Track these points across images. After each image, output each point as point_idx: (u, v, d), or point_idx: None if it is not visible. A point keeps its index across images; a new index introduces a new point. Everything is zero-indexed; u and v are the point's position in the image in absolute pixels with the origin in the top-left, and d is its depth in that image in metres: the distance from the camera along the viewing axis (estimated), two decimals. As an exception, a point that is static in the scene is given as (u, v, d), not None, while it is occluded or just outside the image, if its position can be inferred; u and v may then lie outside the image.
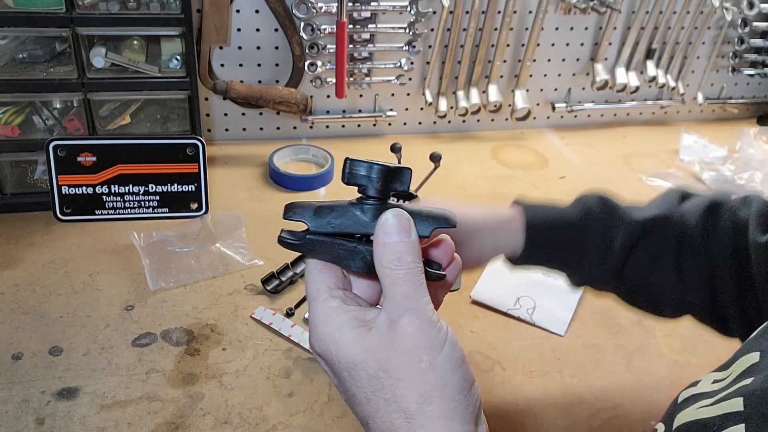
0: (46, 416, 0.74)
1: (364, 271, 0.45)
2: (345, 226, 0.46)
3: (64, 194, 1.04)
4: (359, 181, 0.46)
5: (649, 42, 1.47)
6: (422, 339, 0.40)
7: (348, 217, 0.46)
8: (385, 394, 0.40)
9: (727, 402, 0.45)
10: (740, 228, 0.67)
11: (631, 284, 0.72)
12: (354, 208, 0.47)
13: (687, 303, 0.71)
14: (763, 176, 1.31)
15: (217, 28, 1.18)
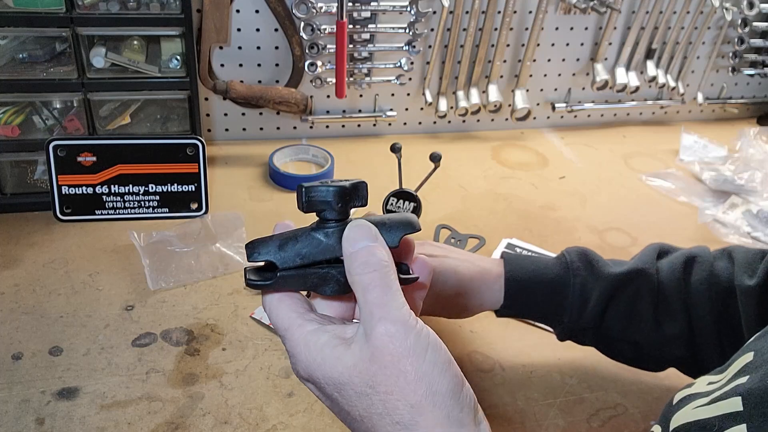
0: (46, 416, 0.74)
1: (341, 292, 0.45)
2: (313, 255, 0.45)
3: (64, 194, 1.04)
4: (318, 207, 0.45)
5: (649, 42, 1.47)
6: (402, 347, 0.39)
7: (314, 245, 0.45)
8: (377, 409, 0.39)
9: (724, 402, 0.45)
10: (719, 279, 0.70)
11: (610, 338, 0.75)
12: (317, 234, 0.45)
13: (668, 356, 0.74)
14: (763, 176, 1.31)
15: (217, 28, 1.18)
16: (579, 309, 0.73)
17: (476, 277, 0.74)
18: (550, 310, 0.75)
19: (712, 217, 1.22)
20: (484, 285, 0.75)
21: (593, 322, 0.73)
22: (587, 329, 0.74)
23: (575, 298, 0.73)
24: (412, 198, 1.06)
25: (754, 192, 1.28)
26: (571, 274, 0.74)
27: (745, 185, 1.29)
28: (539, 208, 1.22)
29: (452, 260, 0.76)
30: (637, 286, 0.73)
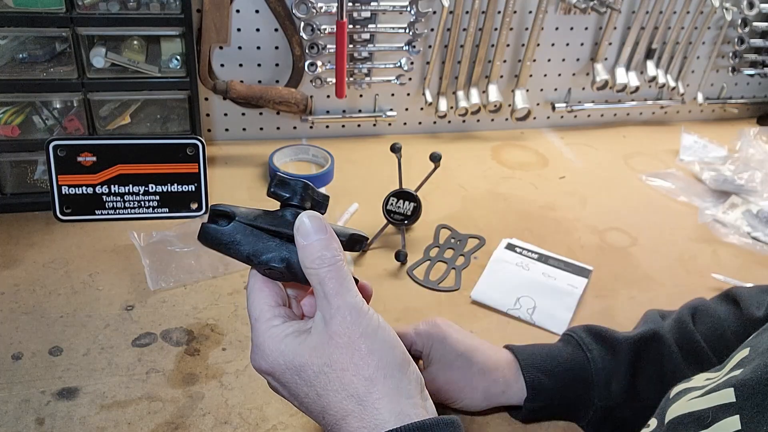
0: (46, 416, 0.74)
1: (283, 266, 0.47)
2: (269, 222, 0.48)
3: (64, 194, 1.04)
4: (284, 192, 0.49)
5: (649, 42, 1.47)
6: (357, 328, 0.43)
7: (272, 216, 0.49)
8: (334, 385, 0.43)
9: (717, 393, 0.46)
10: (724, 324, 0.70)
11: (647, 407, 0.64)
12: (277, 211, 0.50)
13: None
14: (763, 176, 1.31)
15: (217, 28, 1.18)
16: (605, 384, 0.67)
17: (488, 356, 0.71)
18: (577, 394, 0.68)
19: (712, 217, 1.22)
20: (498, 371, 0.70)
21: (625, 394, 0.68)
22: (621, 404, 0.68)
23: (599, 374, 0.68)
24: (412, 198, 1.06)
25: (754, 192, 1.28)
26: (585, 349, 0.70)
27: (745, 185, 1.29)
28: (539, 208, 1.22)
29: (464, 347, 0.73)
30: (658, 345, 0.70)
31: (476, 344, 0.72)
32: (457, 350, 0.68)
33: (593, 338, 0.71)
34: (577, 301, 0.97)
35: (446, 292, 0.99)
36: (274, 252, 0.47)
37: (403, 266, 1.03)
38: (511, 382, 0.69)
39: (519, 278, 1.01)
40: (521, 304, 0.96)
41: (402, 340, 0.47)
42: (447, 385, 0.68)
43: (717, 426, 0.44)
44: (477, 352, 0.70)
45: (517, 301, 0.97)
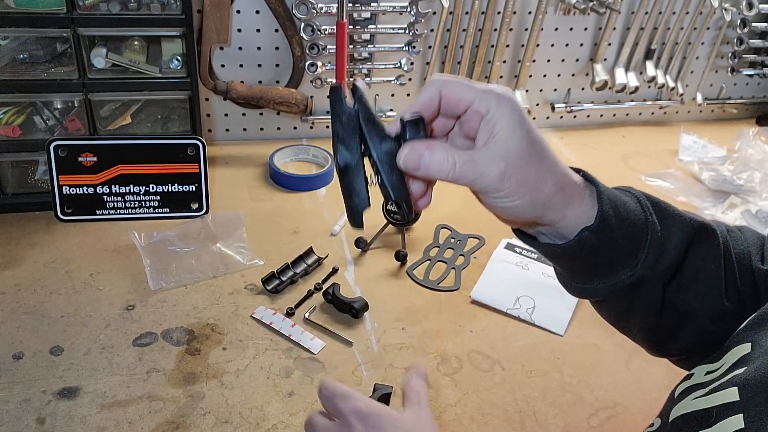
0: (47, 416, 0.74)
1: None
2: (381, 129, 0.51)
3: (65, 194, 1.04)
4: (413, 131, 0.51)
5: (649, 42, 1.48)
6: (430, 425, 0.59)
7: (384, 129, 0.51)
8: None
9: (721, 392, 0.46)
10: (743, 256, 0.62)
11: (670, 300, 0.60)
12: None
13: (718, 333, 0.60)
14: (762, 176, 1.31)
15: (217, 28, 1.18)
16: (657, 250, 0.56)
17: (559, 159, 0.55)
18: (626, 250, 0.56)
19: (712, 217, 1.22)
20: (567, 178, 0.54)
21: (668, 270, 0.57)
22: (655, 280, 0.57)
23: (655, 237, 0.56)
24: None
25: (753, 192, 1.29)
26: (646, 211, 0.58)
27: (744, 185, 1.29)
28: (539, 208, 1.22)
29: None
30: (713, 241, 0.60)
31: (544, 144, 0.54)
32: (532, 135, 0.50)
33: (651, 203, 0.59)
34: (577, 300, 0.98)
35: (446, 291, 0.99)
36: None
37: (403, 266, 1.04)
38: (576, 202, 0.54)
39: (519, 278, 1.01)
40: (521, 304, 0.96)
41: (450, 92, 0.50)
42: (507, 169, 0.49)
43: (720, 425, 0.44)
44: (549, 148, 0.54)
45: (516, 301, 0.97)
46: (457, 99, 0.50)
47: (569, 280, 0.60)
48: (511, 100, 0.49)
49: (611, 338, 0.93)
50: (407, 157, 0.50)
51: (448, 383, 0.83)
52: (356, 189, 0.51)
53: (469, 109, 0.50)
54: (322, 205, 1.17)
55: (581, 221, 0.54)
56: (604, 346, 0.92)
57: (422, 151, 0.49)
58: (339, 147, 0.51)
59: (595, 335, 0.94)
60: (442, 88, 0.51)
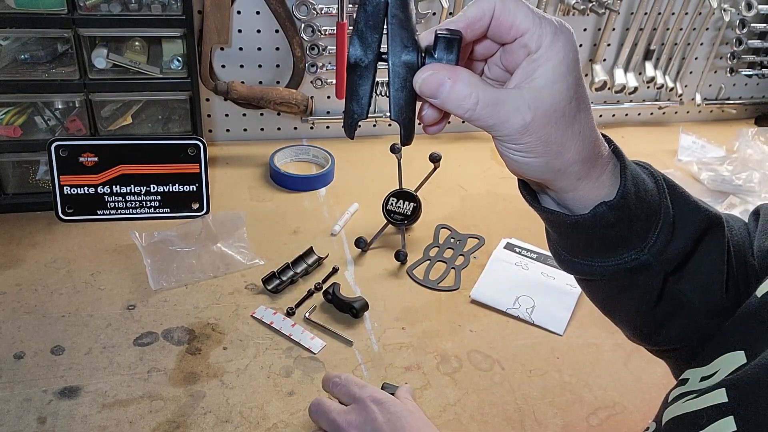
0: (47, 415, 0.74)
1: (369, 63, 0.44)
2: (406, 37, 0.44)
3: (66, 194, 1.04)
4: (447, 52, 0.44)
5: (648, 43, 1.48)
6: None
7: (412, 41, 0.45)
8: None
9: (710, 394, 0.45)
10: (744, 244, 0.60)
11: (672, 289, 0.56)
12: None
13: (703, 329, 0.58)
14: (761, 176, 1.31)
15: (218, 29, 1.18)
16: (667, 237, 0.52)
17: (593, 125, 0.48)
18: (638, 232, 0.52)
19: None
20: (599, 148, 0.48)
21: (674, 259, 0.53)
22: (659, 267, 0.53)
23: (667, 222, 0.52)
24: (412, 198, 1.06)
25: (752, 192, 1.29)
26: (663, 194, 0.53)
27: (743, 185, 1.30)
28: (538, 208, 1.23)
29: None
30: (721, 233, 0.56)
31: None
32: (572, 92, 0.44)
33: (667, 186, 0.55)
34: (576, 300, 0.98)
35: (446, 291, 1.00)
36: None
37: (403, 266, 1.04)
38: (594, 177, 0.48)
39: (518, 278, 1.02)
40: (520, 304, 0.97)
41: None
42: (532, 122, 0.44)
43: (712, 427, 0.43)
44: (588, 110, 0.47)
45: (516, 301, 0.97)
46: (509, 25, 0.43)
47: (562, 251, 0.55)
48: (567, 42, 0.43)
49: (611, 338, 0.93)
50: (426, 80, 0.43)
51: (447, 383, 0.84)
52: (359, 93, 0.45)
53: (518, 39, 0.43)
54: (322, 205, 1.17)
55: (593, 196, 0.48)
56: (604, 345, 0.92)
57: (444, 79, 0.43)
58: (354, 39, 0.44)
59: (595, 335, 0.94)
60: (497, 5, 0.43)
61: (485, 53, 0.47)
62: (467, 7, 0.44)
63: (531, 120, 0.42)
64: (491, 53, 0.47)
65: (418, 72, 0.44)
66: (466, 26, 0.43)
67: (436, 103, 0.44)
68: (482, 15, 0.43)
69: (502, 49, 0.46)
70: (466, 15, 0.43)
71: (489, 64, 0.48)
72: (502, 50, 0.46)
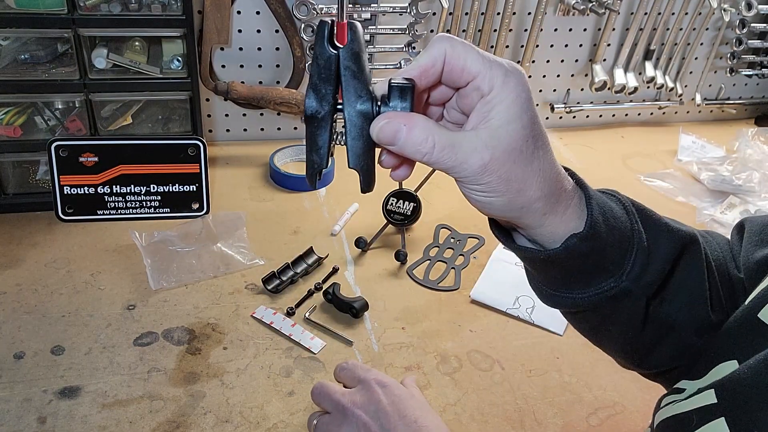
0: (47, 415, 0.74)
1: (325, 110, 0.45)
2: (361, 82, 0.45)
3: (66, 194, 1.04)
4: (399, 100, 0.45)
5: (648, 43, 1.48)
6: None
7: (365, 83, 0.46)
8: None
9: (699, 395, 0.45)
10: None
11: (654, 314, 0.56)
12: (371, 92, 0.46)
13: (691, 347, 0.57)
14: (761, 176, 1.31)
15: (218, 29, 1.18)
16: (643, 262, 0.52)
17: (554, 159, 0.50)
18: (612, 260, 0.52)
19: (710, 217, 1.23)
20: (561, 183, 0.50)
21: (653, 283, 0.53)
22: (640, 294, 0.53)
23: (641, 248, 0.52)
24: (412, 198, 1.06)
25: (751, 192, 1.29)
26: (633, 219, 0.54)
27: (743, 185, 1.30)
28: (538, 208, 1.23)
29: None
30: (697, 251, 0.56)
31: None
32: (529, 131, 0.44)
33: (637, 211, 0.55)
34: (576, 300, 0.98)
35: (446, 291, 1.00)
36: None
37: (403, 266, 1.04)
38: (559, 212, 0.49)
39: (518, 278, 1.02)
40: (520, 304, 0.97)
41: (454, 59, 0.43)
42: (491, 162, 0.44)
43: (704, 429, 0.43)
44: (546, 147, 0.48)
45: (516, 301, 0.97)
46: (461, 69, 0.43)
47: (543, 286, 0.55)
48: (518, 83, 0.43)
49: (610, 338, 0.93)
50: (382, 128, 0.44)
51: (447, 382, 0.84)
52: (318, 144, 0.46)
53: (470, 83, 0.44)
54: (322, 205, 1.17)
55: (561, 231, 0.49)
56: (604, 345, 0.92)
57: (400, 126, 0.43)
58: (309, 92, 0.45)
59: (595, 335, 0.94)
60: (447, 52, 0.43)
61: (442, 98, 0.48)
62: (419, 55, 0.45)
63: (489, 159, 0.43)
64: (447, 98, 0.48)
65: (374, 121, 0.45)
66: (420, 74, 0.44)
67: (395, 149, 0.44)
68: (434, 62, 0.44)
69: (457, 94, 0.47)
70: (419, 63, 0.44)
71: (447, 108, 0.49)
72: (457, 95, 0.47)
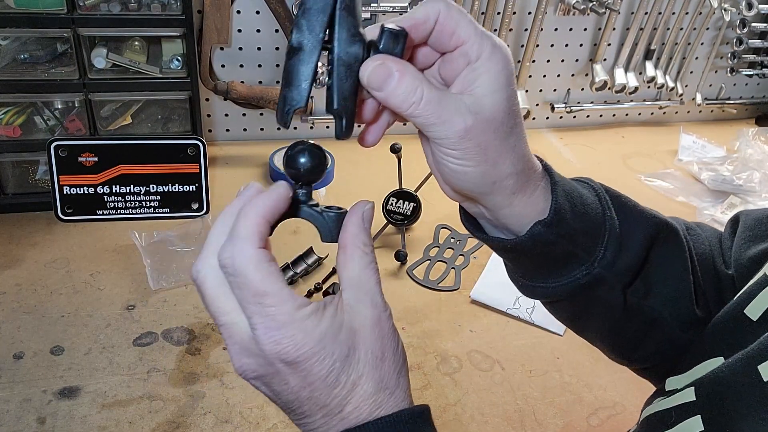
0: (47, 415, 0.74)
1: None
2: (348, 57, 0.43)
3: (66, 194, 1.04)
4: (394, 44, 0.43)
5: (648, 43, 1.48)
6: (388, 322, 0.44)
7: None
8: (374, 374, 0.42)
9: (680, 393, 0.45)
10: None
11: (632, 304, 0.55)
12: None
13: (677, 341, 0.57)
14: (762, 176, 1.31)
15: (217, 28, 1.18)
16: (616, 248, 0.52)
17: (526, 141, 0.48)
18: (583, 247, 0.51)
19: (711, 217, 1.23)
20: (531, 164, 0.48)
21: (628, 270, 0.53)
22: (614, 281, 0.53)
23: (613, 234, 0.52)
24: (412, 198, 1.06)
25: (752, 192, 1.29)
26: (605, 205, 0.53)
27: (744, 185, 1.30)
28: (538, 208, 1.23)
29: None
30: (677, 241, 0.55)
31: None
32: (510, 104, 0.44)
33: (610, 197, 0.54)
34: (576, 300, 0.98)
35: (446, 291, 1.00)
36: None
37: (403, 266, 1.04)
38: (528, 192, 0.48)
39: (518, 278, 1.01)
40: (520, 304, 0.97)
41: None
42: (473, 127, 0.43)
43: (680, 426, 0.43)
44: (521, 125, 0.47)
45: (516, 301, 0.97)
46: (452, 31, 0.43)
47: (519, 277, 0.55)
48: (506, 56, 0.43)
49: (611, 338, 0.93)
50: (374, 71, 0.42)
51: (447, 383, 0.84)
52: (298, 79, 0.42)
53: (458, 48, 0.43)
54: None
55: (529, 213, 0.48)
56: (604, 345, 0.92)
57: (392, 71, 0.41)
58: (300, 22, 0.42)
59: (595, 335, 0.94)
60: (441, 11, 0.43)
61: (424, 62, 0.46)
62: (413, 9, 0.44)
63: (472, 124, 0.42)
64: (430, 63, 0.46)
65: (366, 61, 0.42)
66: (411, 26, 0.43)
67: (381, 95, 0.42)
68: (427, 18, 0.43)
69: (442, 59, 0.46)
70: (413, 16, 0.43)
71: (426, 75, 0.47)
72: (442, 60, 0.46)
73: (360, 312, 0.42)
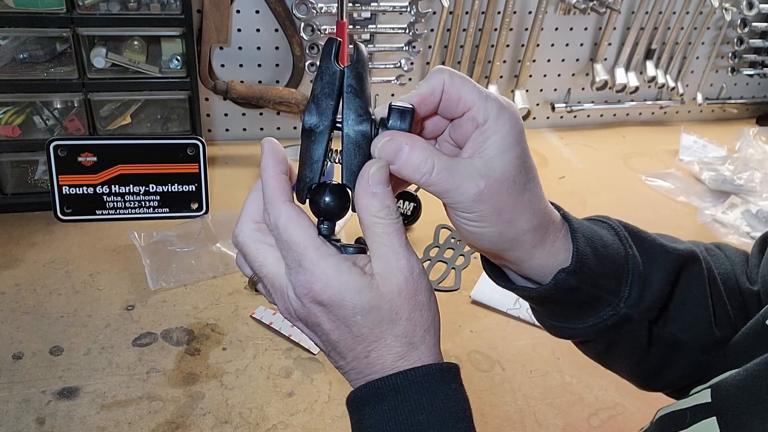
0: (46, 416, 0.74)
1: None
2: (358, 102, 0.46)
3: (65, 194, 1.04)
4: (400, 121, 0.46)
5: (649, 42, 1.48)
6: (418, 282, 0.46)
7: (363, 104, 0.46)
8: (397, 330, 0.45)
9: (697, 394, 0.45)
10: (728, 278, 0.60)
11: (659, 335, 0.56)
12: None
13: (702, 365, 0.57)
14: (762, 176, 1.31)
15: (217, 28, 1.18)
16: (640, 287, 0.52)
17: (542, 194, 0.49)
18: (607, 289, 0.52)
19: (712, 217, 1.22)
20: (548, 216, 0.49)
21: (653, 307, 0.53)
22: (641, 319, 0.53)
23: (636, 273, 0.52)
24: (412, 198, 1.06)
25: (753, 192, 1.29)
26: (625, 244, 0.53)
27: (745, 185, 1.29)
28: (539, 208, 1.22)
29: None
30: (698, 269, 0.56)
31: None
32: (522, 162, 0.45)
33: (630, 235, 0.55)
34: (577, 300, 0.98)
35: (446, 291, 0.99)
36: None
37: (403, 266, 1.03)
38: (547, 244, 0.49)
39: (519, 278, 1.01)
40: (521, 304, 0.96)
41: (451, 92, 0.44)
42: (485, 190, 0.45)
43: (695, 427, 0.43)
44: (536, 180, 0.48)
45: (516, 301, 0.97)
46: (458, 98, 0.45)
47: (547, 319, 0.56)
48: (513, 116, 0.45)
49: (611, 338, 0.93)
50: (385, 146, 0.44)
51: (448, 383, 0.83)
52: (313, 158, 0.46)
53: (466, 113, 0.45)
54: (322, 205, 1.17)
55: (551, 263, 0.49)
56: (605, 346, 0.92)
57: (402, 145, 0.44)
58: (311, 106, 0.46)
59: (595, 335, 0.94)
60: (445, 81, 0.45)
61: (435, 130, 0.48)
62: (418, 85, 0.46)
63: (484, 187, 0.44)
64: (441, 131, 0.48)
65: (376, 138, 0.45)
66: (419, 101, 0.45)
67: (393, 169, 0.45)
68: (432, 91, 0.45)
69: (452, 125, 0.47)
70: (419, 92, 0.45)
71: (439, 141, 0.50)
72: (451, 125, 0.47)
73: (387, 279, 0.44)
